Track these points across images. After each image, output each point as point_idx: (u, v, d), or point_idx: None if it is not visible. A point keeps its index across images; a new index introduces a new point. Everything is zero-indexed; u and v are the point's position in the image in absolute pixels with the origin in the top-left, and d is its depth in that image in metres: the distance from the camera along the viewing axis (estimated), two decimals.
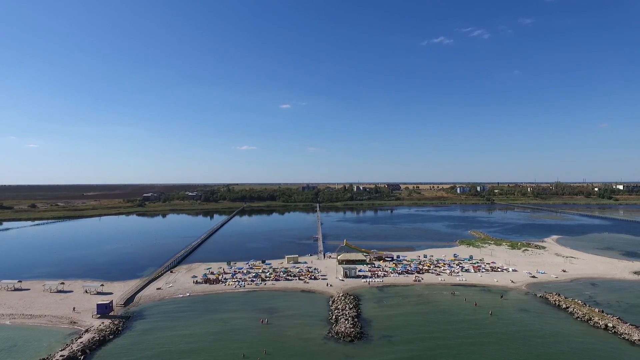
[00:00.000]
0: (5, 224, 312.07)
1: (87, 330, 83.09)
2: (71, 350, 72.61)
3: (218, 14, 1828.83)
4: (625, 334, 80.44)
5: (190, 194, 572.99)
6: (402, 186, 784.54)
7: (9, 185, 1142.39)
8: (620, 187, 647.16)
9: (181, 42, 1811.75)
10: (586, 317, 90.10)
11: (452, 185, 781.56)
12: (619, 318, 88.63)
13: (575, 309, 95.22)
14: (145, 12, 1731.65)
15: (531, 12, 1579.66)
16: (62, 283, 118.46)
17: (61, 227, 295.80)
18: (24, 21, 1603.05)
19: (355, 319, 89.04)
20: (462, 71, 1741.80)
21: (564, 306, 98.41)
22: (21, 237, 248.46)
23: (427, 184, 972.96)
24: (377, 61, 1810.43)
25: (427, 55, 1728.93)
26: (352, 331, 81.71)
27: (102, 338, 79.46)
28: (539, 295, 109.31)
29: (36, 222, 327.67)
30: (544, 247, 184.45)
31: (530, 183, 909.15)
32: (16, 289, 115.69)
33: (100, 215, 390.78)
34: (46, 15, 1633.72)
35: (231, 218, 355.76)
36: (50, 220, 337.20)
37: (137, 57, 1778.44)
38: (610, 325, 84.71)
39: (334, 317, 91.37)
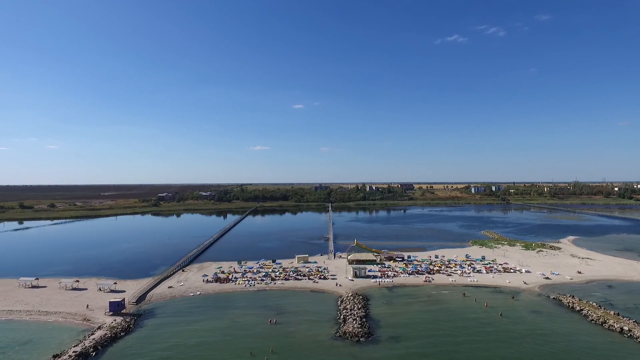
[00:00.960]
0: (26, 223, 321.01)
1: (99, 327, 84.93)
2: (83, 347, 74.36)
3: (231, 14, 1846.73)
4: None
5: (204, 194, 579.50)
6: (416, 186, 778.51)
7: (30, 186, 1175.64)
8: None
9: (195, 43, 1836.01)
10: (601, 320, 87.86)
11: (467, 185, 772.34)
12: (635, 321, 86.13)
13: (589, 312, 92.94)
14: (160, 14, 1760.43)
15: (548, 8, 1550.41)
16: (77, 281, 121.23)
17: (78, 227, 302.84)
18: (44, 23, 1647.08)
19: (363, 319, 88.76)
20: (476, 69, 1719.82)
21: (578, 308, 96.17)
22: (40, 235, 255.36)
23: (441, 183, 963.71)
24: (391, 60, 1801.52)
25: (441, 53, 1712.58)
26: (360, 331, 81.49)
27: (113, 335, 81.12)
28: (552, 297, 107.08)
29: (55, 221, 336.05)
30: (559, 248, 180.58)
31: (547, 183, 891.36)
32: (34, 286, 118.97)
33: (116, 214, 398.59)
34: (65, 17, 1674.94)
35: (244, 218, 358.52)
36: (68, 220, 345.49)
37: (152, 58, 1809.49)
38: (625, 328, 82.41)
39: (342, 316, 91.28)
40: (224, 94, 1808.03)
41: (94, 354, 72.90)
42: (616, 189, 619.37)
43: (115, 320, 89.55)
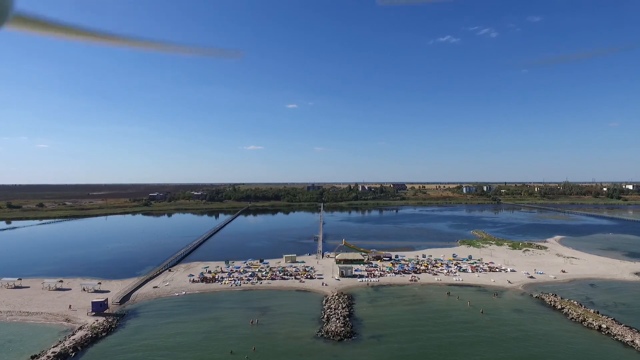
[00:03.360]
0: (13, 223, 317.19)
1: (80, 328, 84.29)
2: (63, 347, 73.81)
3: (224, 13, 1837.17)
4: (619, 335, 79.40)
5: (196, 193, 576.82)
6: (408, 186, 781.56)
7: (20, 185, 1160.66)
8: (630, 187, 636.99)
9: (188, 41, 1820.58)
10: (580, 318, 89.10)
11: (459, 185, 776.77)
12: (613, 319, 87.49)
13: (570, 310, 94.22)
14: (151, 12, 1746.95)
15: (540, 9, 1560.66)
16: (61, 281, 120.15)
17: (67, 226, 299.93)
18: None
19: (347, 318, 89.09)
20: (468, 70, 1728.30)
21: (559, 307, 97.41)
22: (27, 236, 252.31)
23: (433, 183, 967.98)
24: (384, 60, 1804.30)
25: (433, 54, 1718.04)
26: (342, 330, 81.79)
27: (94, 335, 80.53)
28: (534, 295, 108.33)
29: (43, 221, 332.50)
30: (545, 248, 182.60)
31: (538, 183, 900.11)
32: (16, 287, 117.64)
33: (106, 214, 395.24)
34: (56, 16, 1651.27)
35: (234, 218, 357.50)
36: (56, 220, 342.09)
37: (144, 57, 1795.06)
38: (604, 326, 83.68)
39: (325, 316, 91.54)
40: (217, 93, 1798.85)
41: (73, 354, 72.36)
42: (605, 189, 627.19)
43: (97, 320, 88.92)
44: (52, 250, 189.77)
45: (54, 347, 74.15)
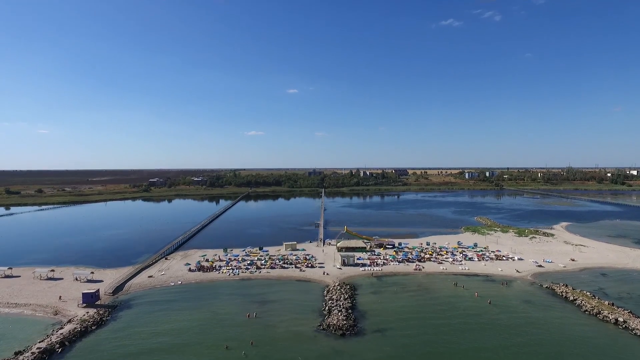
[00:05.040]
0: (11, 209, 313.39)
1: (69, 321, 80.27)
2: (49, 342, 69.74)
3: None
4: (637, 329, 75.10)
5: (196, 179, 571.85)
6: (410, 171, 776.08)
7: (20, 171, 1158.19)
8: (634, 172, 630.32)
9: (187, 27, 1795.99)
10: (595, 311, 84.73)
11: (461, 170, 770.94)
12: (630, 312, 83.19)
13: (583, 301, 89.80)
14: None
15: None
16: (52, 270, 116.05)
17: (65, 213, 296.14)
18: (32, 7, 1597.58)
19: (349, 311, 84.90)
20: (471, 54, 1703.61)
21: (572, 298, 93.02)
22: (23, 222, 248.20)
23: (435, 169, 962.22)
24: (386, 45, 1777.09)
25: (436, 38, 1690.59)
26: (345, 324, 77.55)
27: (83, 329, 76.50)
28: (545, 285, 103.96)
29: (42, 207, 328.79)
30: (552, 235, 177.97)
31: (540, 168, 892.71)
32: (7, 276, 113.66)
33: (105, 200, 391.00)
34: (55, 2, 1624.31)
35: (235, 203, 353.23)
36: (55, 205, 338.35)
37: (144, 43, 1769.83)
38: (620, 319, 79.31)
39: (327, 308, 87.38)
40: (217, 78, 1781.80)
41: (59, 350, 68.29)
42: (609, 174, 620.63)
43: (87, 312, 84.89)
44: (47, 237, 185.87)
45: (39, 342, 70.08)
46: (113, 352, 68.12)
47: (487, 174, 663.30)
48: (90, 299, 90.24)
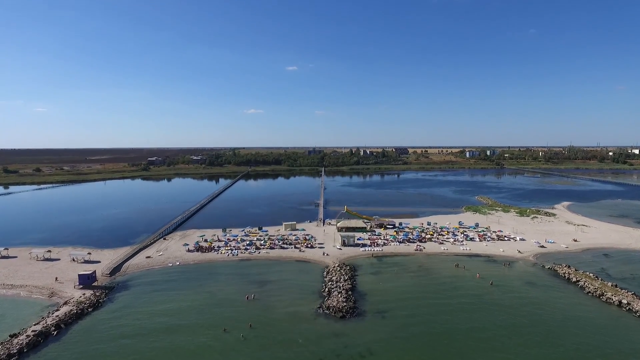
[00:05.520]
0: (10, 188, 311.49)
1: (65, 303, 79.19)
2: (45, 325, 68.70)
3: None
4: None
5: (195, 158, 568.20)
6: (410, 150, 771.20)
7: (17, 149, 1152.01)
8: (636, 151, 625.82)
9: (184, 1, 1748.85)
10: (598, 292, 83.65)
11: (462, 149, 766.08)
12: (634, 294, 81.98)
13: (586, 283, 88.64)
14: None
15: None
16: (49, 251, 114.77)
17: (63, 192, 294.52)
18: None
19: (349, 292, 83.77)
20: (474, 30, 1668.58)
21: (574, 279, 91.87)
22: (20, 201, 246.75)
23: (436, 147, 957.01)
24: (387, 20, 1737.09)
25: (438, 12, 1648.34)
26: (345, 306, 76.43)
27: (80, 311, 75.42)
28: (547, 266, 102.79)
29: (41, 186, 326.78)
30: (554, 215, 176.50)
31: (542, 147, 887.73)
32: (3, 257, 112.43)
33: (104, 179, 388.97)
34: None
35: (234, 183, 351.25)
36: (54, 185, 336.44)
37: (141, 19, 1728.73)
38: (624, 301, 78.23)
39: (326, 289, 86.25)
40: (214, 55, 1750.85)
41: (55, 333, 67.26)
42: (611, 153, 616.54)
43: (84, 294, 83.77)
44: (44, 216, 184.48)
45: (35, 324, 69.06)
46: (109, 334, 67.14)
47: (488, 152, 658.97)
48: (86, 281, 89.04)
